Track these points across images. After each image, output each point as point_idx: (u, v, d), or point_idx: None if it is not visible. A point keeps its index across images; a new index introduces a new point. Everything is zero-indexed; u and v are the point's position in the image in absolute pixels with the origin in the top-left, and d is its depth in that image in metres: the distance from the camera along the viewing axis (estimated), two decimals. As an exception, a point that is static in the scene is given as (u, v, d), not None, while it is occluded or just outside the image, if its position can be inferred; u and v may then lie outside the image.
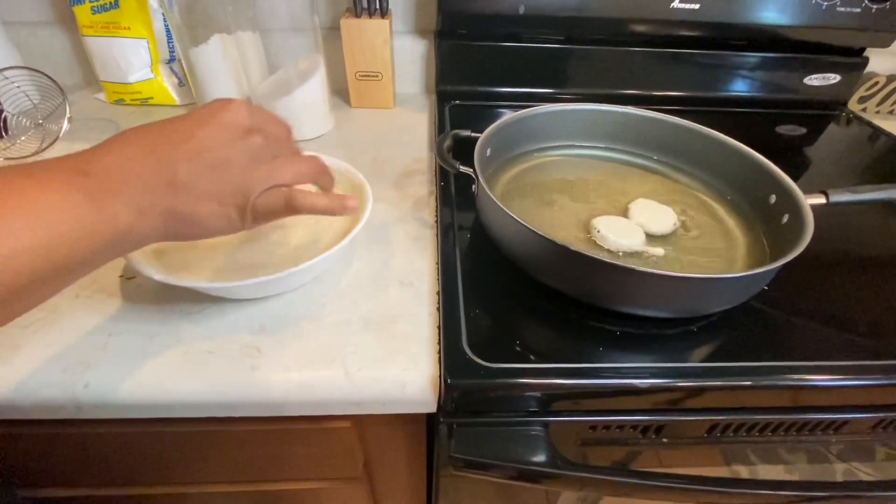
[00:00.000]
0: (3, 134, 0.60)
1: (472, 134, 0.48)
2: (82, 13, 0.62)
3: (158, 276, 0.34)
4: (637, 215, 0.45)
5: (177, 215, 0.25)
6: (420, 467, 0.48)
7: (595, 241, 0.43)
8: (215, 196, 0.26)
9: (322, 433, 0.41)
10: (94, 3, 0.62)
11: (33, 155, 0.57)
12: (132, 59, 0.65)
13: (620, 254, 0.42)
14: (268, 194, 0.29)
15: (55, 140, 0.59)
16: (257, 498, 0.49)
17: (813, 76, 0.75)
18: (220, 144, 0.26)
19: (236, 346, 0.36)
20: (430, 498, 0.52)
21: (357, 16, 0.64)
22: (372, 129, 0.67)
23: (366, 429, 0.42)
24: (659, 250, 0.43)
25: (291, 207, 0.30)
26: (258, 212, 0.29)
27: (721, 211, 0.49)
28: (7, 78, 0.59)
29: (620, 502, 0.53)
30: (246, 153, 0.27)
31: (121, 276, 0.41)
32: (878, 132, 0.71)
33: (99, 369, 0.34)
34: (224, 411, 0.35)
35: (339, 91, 0.74)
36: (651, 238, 0.44)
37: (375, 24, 0.64)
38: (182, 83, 0.70)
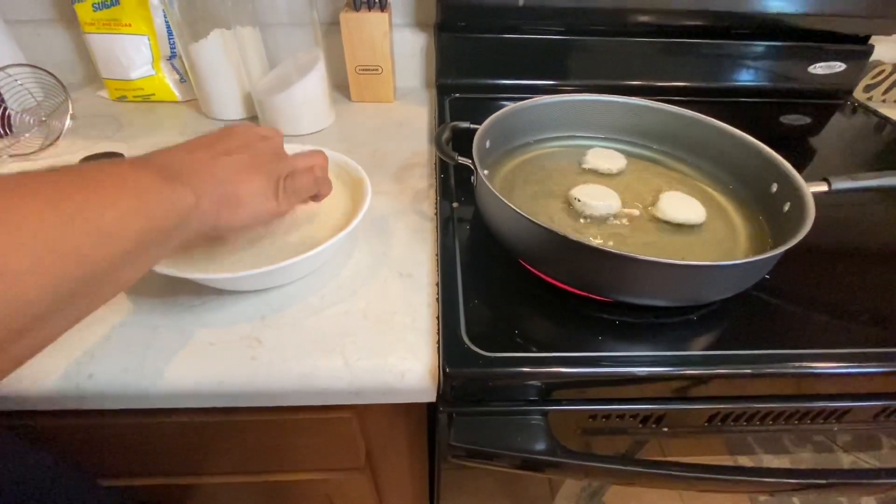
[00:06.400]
0: (8, 131, 0.60)
1: (472, 126, 0.48)
2: (84, 11, 0.63)
3: (161, 268, 0.35)
4: (666, 205, 0.45)
5: (226, 197, 0.30)
6: (422, 458, 0.48)
7: (576, 210, 0.45)
8: (252, 180, 0.32)
9: (323, 423, 0.41)
10: (96, 1, 0.62)
11: (37, 152, 0.58)
12: (134, 55, 0.66)
13: (598, 216, 0.44)
14: (295, 175, 0.35)
15: (58, 137, 0.60)
16: (262, 489, 0.50)
17: (818, 65, 0.74)
18: (245, 145, 0.33)
19: (238, 337, 0.36)
20: (432, 488, 0.52)
21: (356, 9, 0.64)
22: (372, 122, 0.67)
23: (367, 419, 0.42)
24: (635, 211, 0.45)
25: (318, 183, 0.37)
26: (289, 190, 0.35)
27: (722, 200, 0.48)
28: (10, 75, 0.60)
29: (624, 494, 0.53)
30: (267, 149, 0.34)
31: (124, 270, 0.41)
32: (884, 121, 0.71)
33: (103, 360, 0.34)
34: (226, 402, 0.35)
35: (340, 85, 0.74)
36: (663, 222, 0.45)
37: (375, 18, 0.64)
38: (183, 79, 0.70)
